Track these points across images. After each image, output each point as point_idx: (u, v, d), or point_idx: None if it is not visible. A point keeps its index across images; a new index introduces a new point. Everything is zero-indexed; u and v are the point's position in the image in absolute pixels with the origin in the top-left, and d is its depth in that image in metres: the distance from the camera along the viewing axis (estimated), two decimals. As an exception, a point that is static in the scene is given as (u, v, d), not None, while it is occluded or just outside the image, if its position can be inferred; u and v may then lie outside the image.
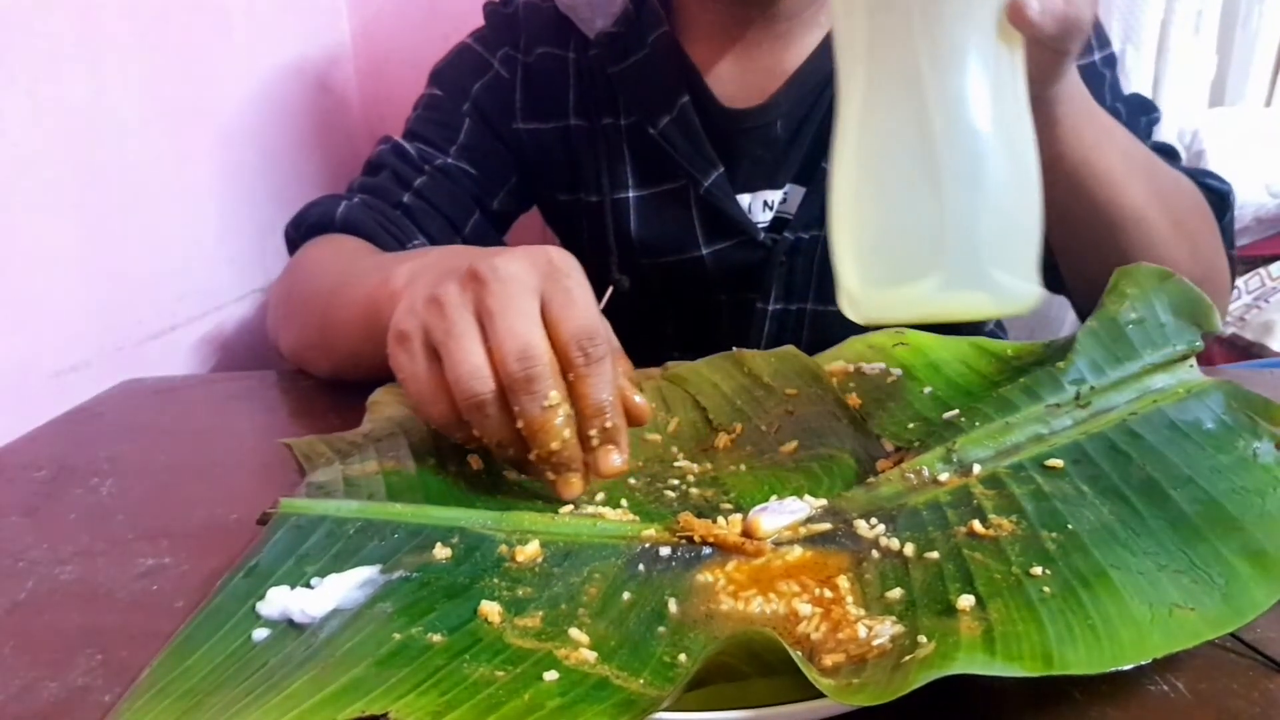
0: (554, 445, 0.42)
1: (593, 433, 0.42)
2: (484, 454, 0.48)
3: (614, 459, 0.43)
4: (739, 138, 0.75)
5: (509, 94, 0.80)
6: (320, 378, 0.67)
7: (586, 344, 0.42)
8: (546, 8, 0.80)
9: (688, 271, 0.77)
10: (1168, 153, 0.72)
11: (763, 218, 0.76)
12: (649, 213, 0.78)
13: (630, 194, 0.78)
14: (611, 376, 0.43)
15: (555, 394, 0.41)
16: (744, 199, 0.76)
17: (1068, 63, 0.52)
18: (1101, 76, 0.74)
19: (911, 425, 0.49)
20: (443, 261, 0.50)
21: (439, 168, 0.77)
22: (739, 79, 0.75)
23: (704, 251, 0.76)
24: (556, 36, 0.79)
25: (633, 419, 0.45)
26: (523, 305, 0.42)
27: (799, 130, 0.75)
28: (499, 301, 0.42)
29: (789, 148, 0.75)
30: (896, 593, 0.35)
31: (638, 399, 0.45)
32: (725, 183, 0.75)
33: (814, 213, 0.74)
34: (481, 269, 0.43)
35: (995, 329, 0.88)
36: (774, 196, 0.76)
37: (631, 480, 0.47)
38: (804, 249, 0.75)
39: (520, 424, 0.42)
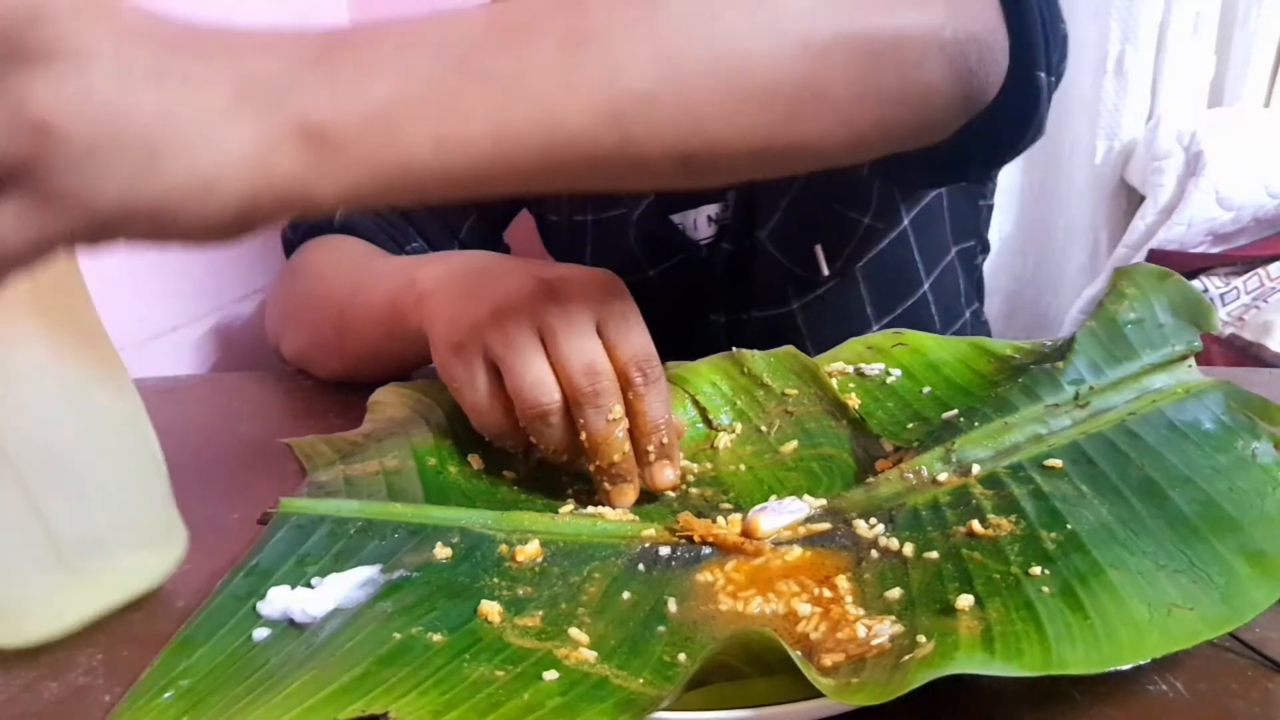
0: (615, 458, 0.44)
1: (650, 448, 0.45)
2: (485, 454, 0.49)
3: (668, 473, 0.45)
4: None
5: None
6: (323, 379, 0.67)
7: (645, 365, 0.44)
8: None
9: (640, 293, 0.75)
10: None
11: (708, 232, 0.74)
12: (604, 237, 0.76)
13: (589, 217, 0.77)
14: (667, 396, 0.45)
15: (619, 409, 0.44)
16: (687, 216, 0.74)
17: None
18: None
19: (910, 425, 0.49)
20: (474, 268, 0.51)
21: None
22: None
23: (650, 272, 0.75)
24: None
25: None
26: (584, 324, 0.44)
27: None
28: (560, 321, 0.44)
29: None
30: (895, 592, 0.35)
31: (674, 417, 0.47)
32: (655, 208, 0.73)
33: (744, 219, 0.72)
34: (542, 289, 0.45)
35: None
36: (715, 209, 0.74)
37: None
38: (742, 256, 0.73)
39: (583, 436, 0.44)
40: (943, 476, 0.42)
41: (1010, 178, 1.36)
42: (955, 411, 0.48)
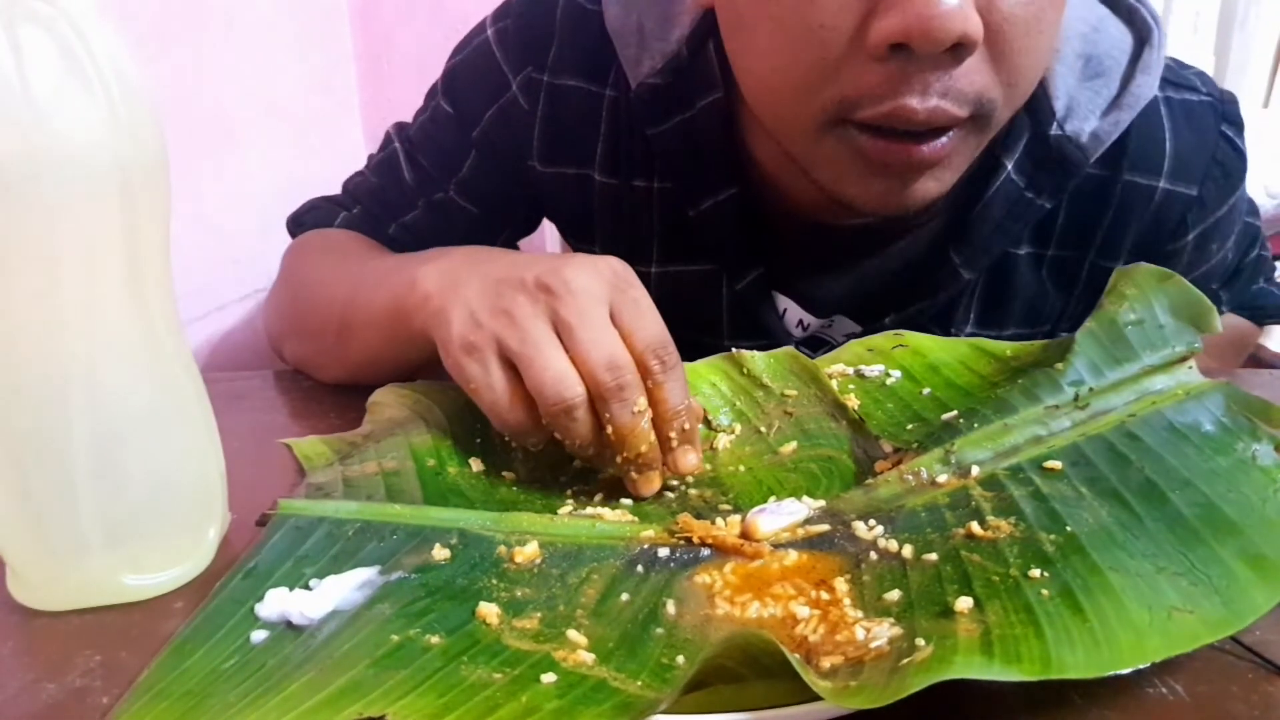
0: (643, 448, 0.44)
1: (672, 435, 0.45)
2: (484, 455, 0.48)
3: (691, 458, 0.45)
4: (792, 241, 0.64)
5: (526, 130, 0.66)
6: (325, 383, 0.67)
7: (662, 353, 0.44)
8: (591, 21, 0.63)
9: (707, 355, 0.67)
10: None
11: (796, 333, 0.67)
12: (673, 289, 0.66)
13: (652, 269, 0.67)
14: (685, 382, 0.45)
15: (643, 400, 0.43)
16: (780, 300, 0.66)
17: None
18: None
19: (910, 426, 0.49)
20: (477, 265, 0.50)
21: (435, 203, 0.70)
22: (802, 179, 0.57)
23: (727, 343, 0.64)
24: (594, 67, 0.64)
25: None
26: (598, 316, 0.44)
27: (861, 259, 0.64)
28: (574, 314, 0.44)
29: (844, 275, 0.64)
30: (894, 594, 0.35)
31: (694, 402, 0.47)
32: (764, 283, 0.64)
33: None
34: (551, 281, 0.44)
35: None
36: (812, 320, 0.66)
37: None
38: None
39: (609, 429, 0.43)
40: (942, 478, 0.42)
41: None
42: (955, 413, 0.48)
